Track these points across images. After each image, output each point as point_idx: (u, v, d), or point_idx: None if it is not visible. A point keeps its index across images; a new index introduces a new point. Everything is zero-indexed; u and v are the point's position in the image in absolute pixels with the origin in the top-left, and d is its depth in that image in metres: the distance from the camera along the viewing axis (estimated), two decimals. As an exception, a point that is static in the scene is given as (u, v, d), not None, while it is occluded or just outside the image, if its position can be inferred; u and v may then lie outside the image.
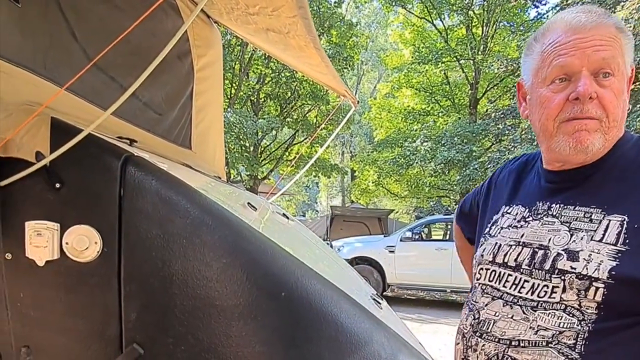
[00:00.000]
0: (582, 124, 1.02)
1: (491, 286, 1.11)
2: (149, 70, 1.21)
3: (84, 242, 1.27)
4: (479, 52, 18.76)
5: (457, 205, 1.60)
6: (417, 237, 11.35)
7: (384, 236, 12.17)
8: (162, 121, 2.18)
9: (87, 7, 1.67)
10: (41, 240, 1.26)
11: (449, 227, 11.49)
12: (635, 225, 0.94)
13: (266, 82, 18.26)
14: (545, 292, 1.00)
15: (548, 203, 1.10)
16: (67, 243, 1.28)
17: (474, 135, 17.07)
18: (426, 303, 11.42)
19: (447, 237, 11.53)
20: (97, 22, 1.70)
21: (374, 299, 1.96)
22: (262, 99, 19.24)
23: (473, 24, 19.62)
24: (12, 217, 1.30)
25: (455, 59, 19.30)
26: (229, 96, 17.06)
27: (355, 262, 10.90)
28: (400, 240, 11.12)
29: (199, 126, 2.58)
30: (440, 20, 20.48)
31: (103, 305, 1.32)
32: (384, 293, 11.08)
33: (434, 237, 14.98)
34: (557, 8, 15.25)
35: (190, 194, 1.39)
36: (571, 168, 1.09)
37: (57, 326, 1.34)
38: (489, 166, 15.02)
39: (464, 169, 16.66)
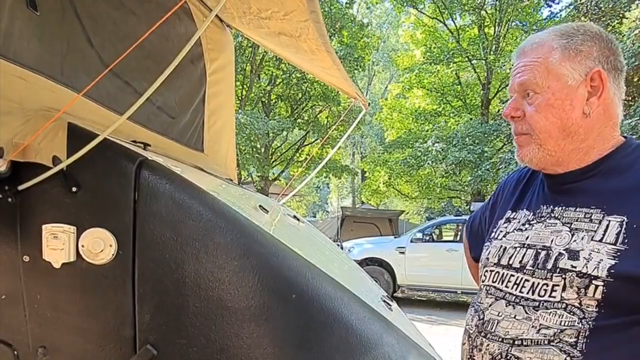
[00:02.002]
0: (517, 141, 1.16)
1: (495, 287, 1.14)
2: (164, 76, 1.24)
3: (99, 245, 1.30)
4: (491, 52, 18.67)
5: (467, 219, 1.61)
6: (427, 238, 11.33)
7: (395, 237, 12.15)
8: (175, 124, 2.20)
9: (102, 13, 1.70)
10: (58, 243, 1.29)
11: (460, 228, 11.45)
12: (634, 226, 0.97)
13: (277, 83, 18.32)
14: (545, 290, 1.03)
15: (552, 206, 1.14)
16: (82, 246, 1.30)
17: (486, 135, 17.00)
18: (437, 304, 11.39)
19: (458, 239, 11.49)
20: (112, 27, 1.73)
21: (384, 301, 1.97)
22: (273, 100, 19.30)
23: (485, 23, 19.53)
24: (30, 220, 1.33)
25: (467, 59, 19.22)
26: (240, 98, 17.12)
27: (365, 263, 10.89)
28: (411, 242, 11.09)
29: (211, 129, 2.60)
30: (452, 20, 20.40)
31: (118, 306, 1.34)
32: (395, 294, 11.06)
33: (444, 238, 14.92)
34: (571, 7, 15.16)
35: (203, 197, 1.41)
36: (568, 171, 1.12)
37: (73, 327, 1.37)
38: (500, 167, 14.95)
39: (475, 169, 16.60)
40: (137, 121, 1.83)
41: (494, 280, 1.15)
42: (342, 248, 11.27)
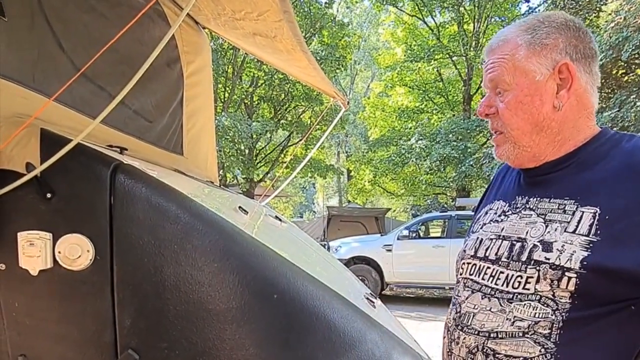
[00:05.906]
0: (494, 141, 1.20)
1: (471, 280, 1.14)
2: (136, 78, 1.23)
3: (76, 251, 1.29)
4: (471, 48, 18.82)
5: None
6: (414, 235, 11.36)
7: (381, 235, 12.18)
8: (152, 128, 2.19)
9: (73, 17, 1.68)
10: (34, 250, 1.28)
11: (447, 224, 11.51)
12: (607, 217, 0.97)
13: (259, 84, 18.28)
14: (519, 282, 1.03)
15: (527, 197, 1.14)
16: (59, 252, 1.29)
17: (469, 131, 17.15)
18: (425, 301, 11.44)
19: (445, 235, 11.54)
20: (84, 32, 1.71)
21: (367, 299, 1.97)
22: (256, 102, 19.26)
23: (464, 20, 19.69)
24: (5, 227, 1.31)
25: (447, 55, 19.37)
26: (222, 100, 17.07)
27: (353, 262, 10.90)
28: (398, 239, 11.12)
29: (191, 132, 2.59)
30: (432, 17, 20.56)
31: (97, 312, 1.33)
32: (383, 292, 11.08)
33: (431, 235, 15.00)
34: (548, 1, 15.31)
35: (181, 200, 1.40)
36: (543, 163, 1.12)
37: (53, 334, 1.35)
38: (484, 162, 15.07)
39: (459, 165, 16.73)
40: (113, 125, 1.81)
41: (471, 272, 1.15)
42: (328, 248, 11.28)
